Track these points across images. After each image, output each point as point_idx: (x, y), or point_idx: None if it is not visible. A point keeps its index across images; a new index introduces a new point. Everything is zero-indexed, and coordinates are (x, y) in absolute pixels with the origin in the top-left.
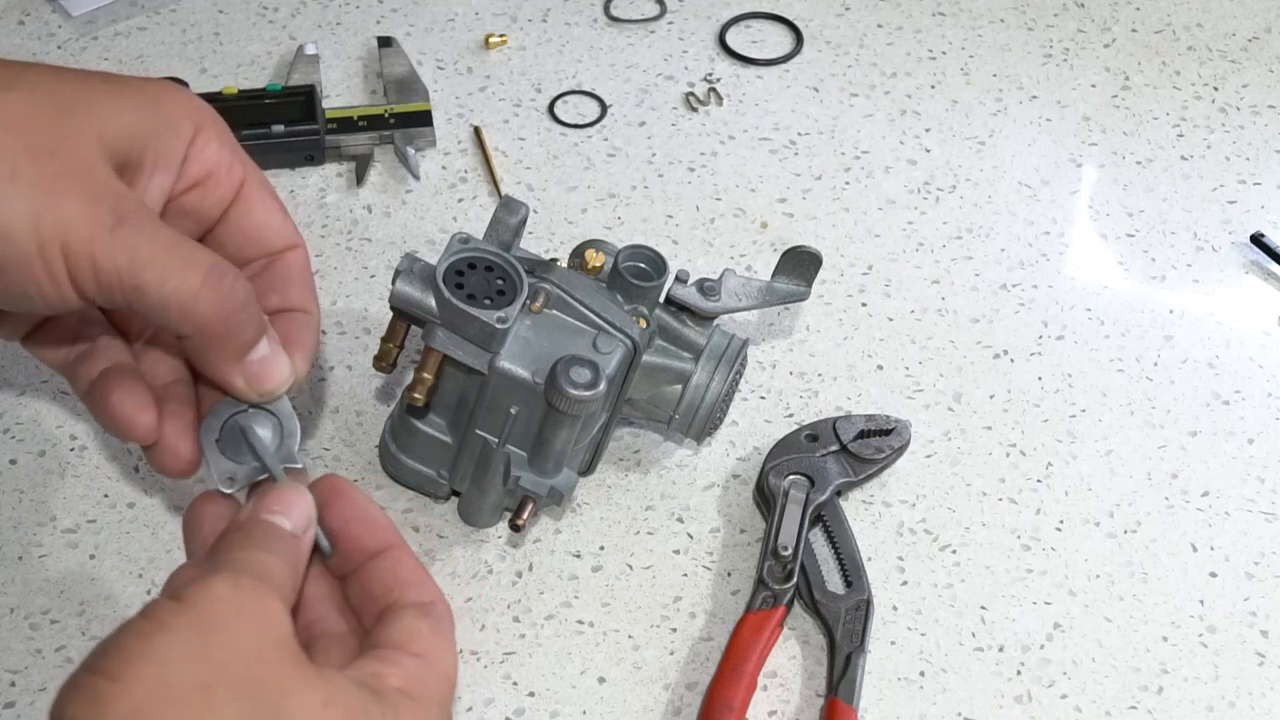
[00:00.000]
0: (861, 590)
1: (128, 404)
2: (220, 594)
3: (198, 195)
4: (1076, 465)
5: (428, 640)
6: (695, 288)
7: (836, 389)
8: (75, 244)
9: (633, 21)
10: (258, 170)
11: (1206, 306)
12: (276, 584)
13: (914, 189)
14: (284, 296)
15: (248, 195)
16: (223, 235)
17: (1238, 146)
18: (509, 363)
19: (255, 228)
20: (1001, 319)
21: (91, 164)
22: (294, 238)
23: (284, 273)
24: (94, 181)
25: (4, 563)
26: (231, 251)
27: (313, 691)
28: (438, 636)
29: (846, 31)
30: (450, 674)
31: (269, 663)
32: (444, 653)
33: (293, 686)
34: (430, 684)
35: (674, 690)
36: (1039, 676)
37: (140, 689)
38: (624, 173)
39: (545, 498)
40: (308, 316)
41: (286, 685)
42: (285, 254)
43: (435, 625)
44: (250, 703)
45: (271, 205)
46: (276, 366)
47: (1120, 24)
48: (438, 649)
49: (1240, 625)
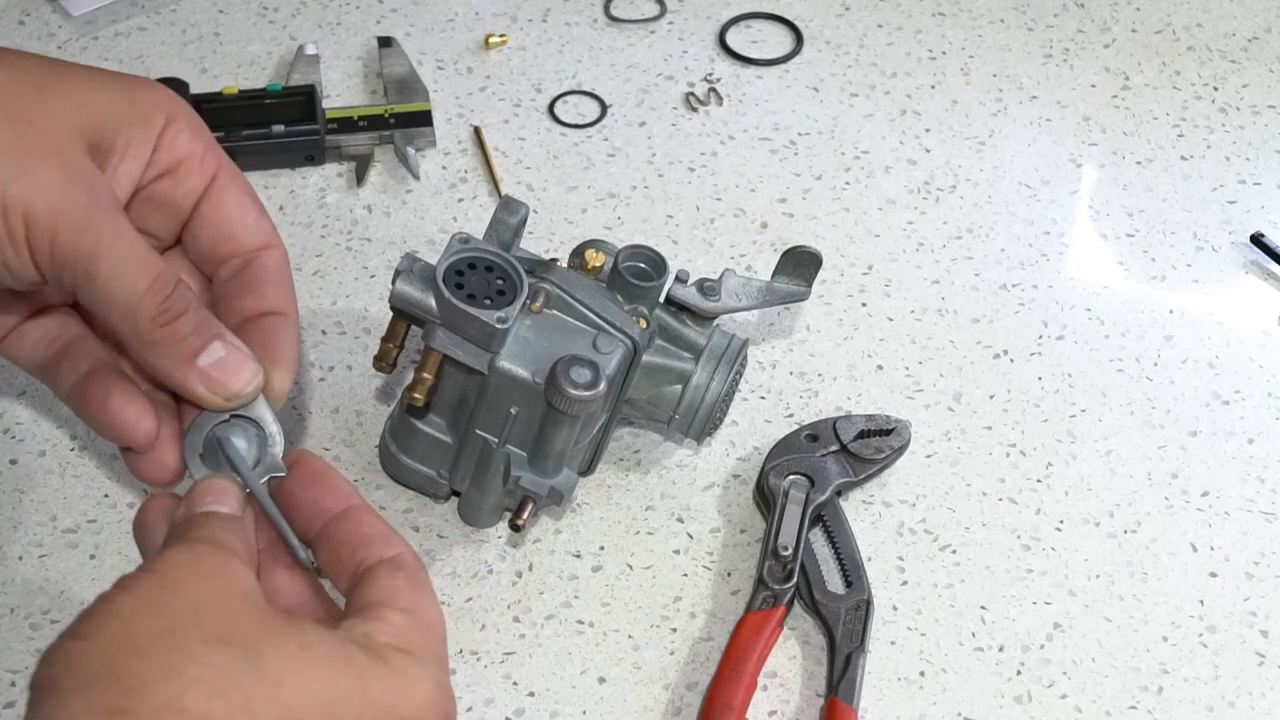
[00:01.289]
0: (861, 590)
1: (130, 409)
2: (178, 559)
3: (168, 184)
4: (1076, 465)
5: (409, 595)
6: (695, 288)
7: (836, 389)
8: (40, 214)
9: (633, 21)
10: (234, 167)
11: (1206, 306)
12: (232, 548)
13: (914, 189)
14: (259, 298)
15: (220, 189)
16: (195, 229)
17: (1238, 146)
18: (509, 363)
19: (227, 222)
20: (1001, 319)
21: (67, 142)
22: (269, 238)
23: (259, 273)
24: (68, 160)
25: (4, 563)
26: (204, 247)
27: (286, 638)
28: (417, 589)
29: (846, 31)
30: (438, 625)
31: (236, 614)
32: (427, 604)
33: (265, 632)
34: (422, 637)
35: (674, 690)
36: (1039, 676)
37: (106, 643)
38: (624, 173)
39: (545, 498)
40: (284, 319)
41: (259, 631)
42: (260, 254)
43: (410, 578)
44: (221, 647)
45: (245, 202)
46: (236, 370)
47: (1120, 24)
48: (420, 601)
49: (1240, 625)
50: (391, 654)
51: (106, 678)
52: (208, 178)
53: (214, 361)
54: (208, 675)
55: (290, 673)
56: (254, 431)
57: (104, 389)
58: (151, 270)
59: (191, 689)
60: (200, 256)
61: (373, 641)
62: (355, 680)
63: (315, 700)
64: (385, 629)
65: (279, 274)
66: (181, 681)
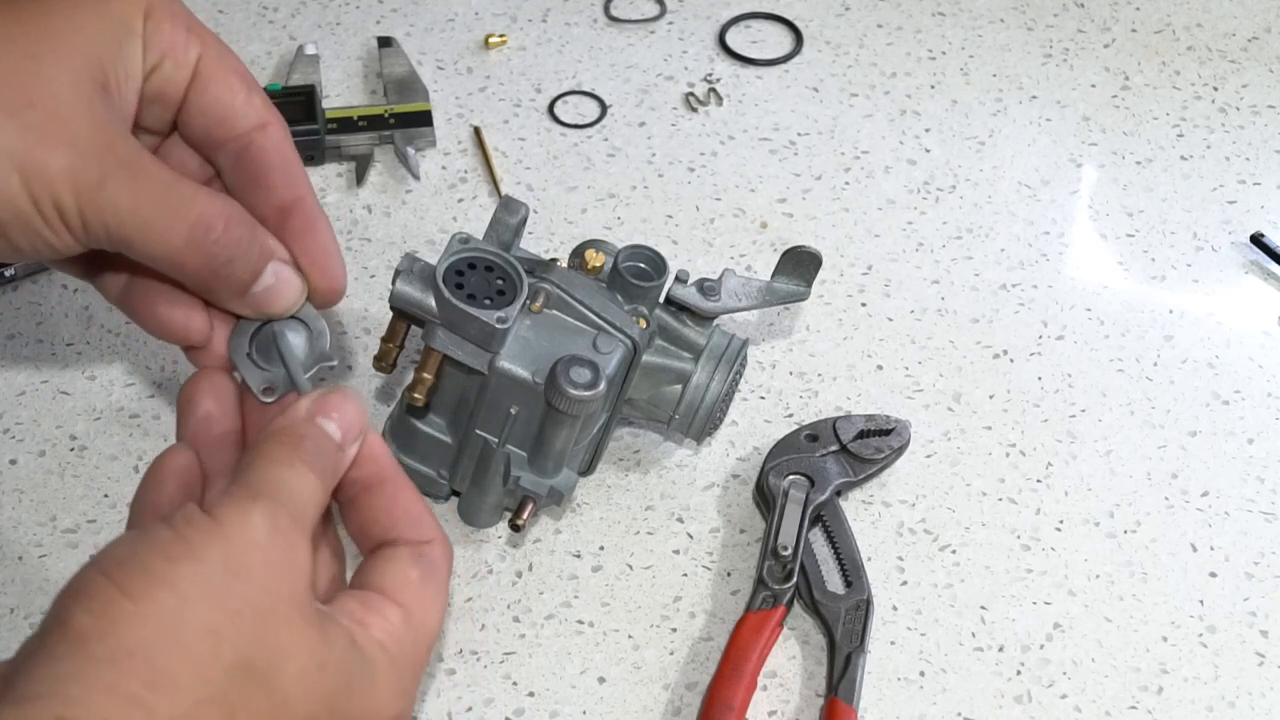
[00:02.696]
0: (861, 590)
1: (177, 312)
2: (256, 536)
3: (157, 80)
4: (1076, 465)
5: (415, 591)
6: (695, 288)
7: (836, 389)
8: (64, 200)
9: (633, 21)
10: (219, 46)
11: (1206, 306)
12: (309, 521)
13: (914, 189)
14: (269, 190)
15: (205, 74)
16: (187, 117)
17: (1238, 146)
18: (509, 363)
19: (216, 107)
20: (1001, 319)
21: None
22: (263, 115)
23: (259, 158)
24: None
25: (4, 563)
26: (198, 134)
27: (311, 654)
28: (426, 587)
29: (846, 31)
30: (432, 630)
31: (281, 621)
32: (430, 605)
33: (295, 650)
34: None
35: (674, 690)
36: (1039, 676)
37: (154, 620)
38: (624, 173)
39: (545, 498)
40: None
41: (289, 648)
42: (256, 136)
43: (426, 573)
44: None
45: (233, 83)
46: (284, 291)
47: (1120, 24)
48: (423, 602)
49: (1240, 625)
50: (375, 651)
51: (139, 660)
52: (191, 65)
53: (264, 289)
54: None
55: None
56: (301, 326)
57: (149, 297)
58: (185, 220)
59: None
60: (197, 144)
61: (364, 635)
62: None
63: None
64: (378, 622)
65: (282, 156)
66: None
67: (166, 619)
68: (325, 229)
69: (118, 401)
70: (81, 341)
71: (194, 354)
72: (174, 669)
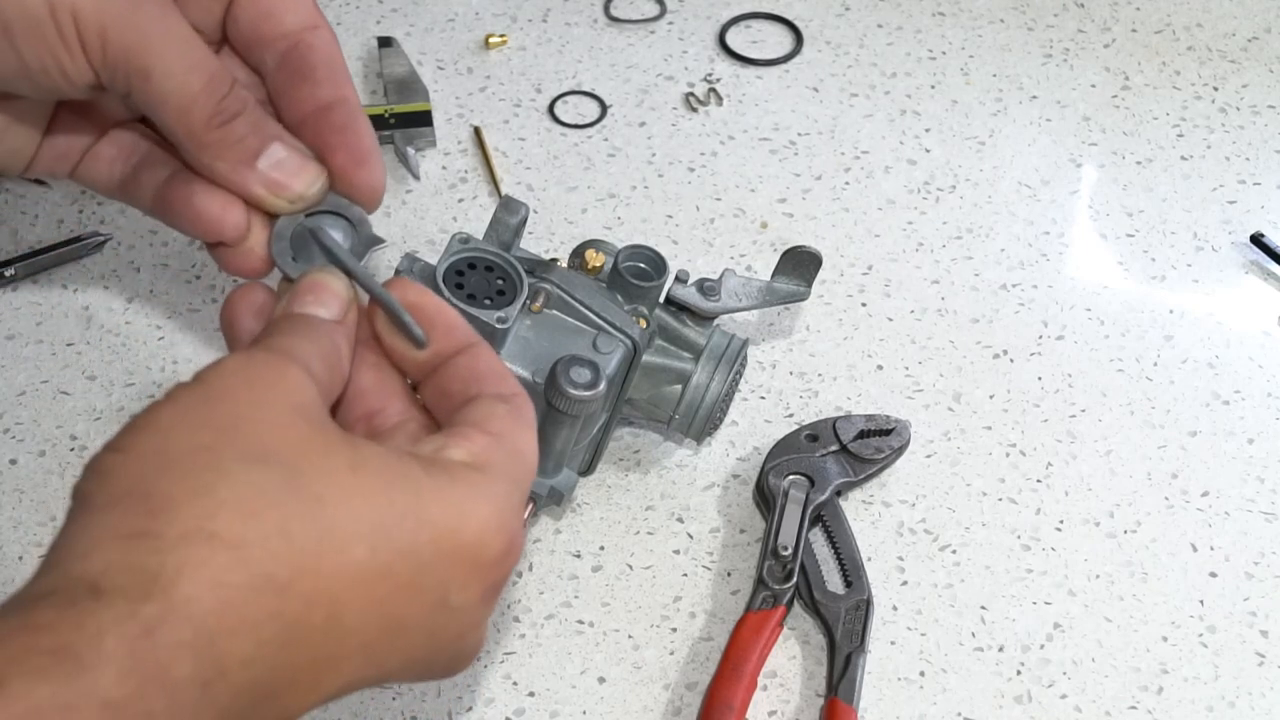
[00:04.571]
0: (861, 590)
1: (214, 203)
2: (229, 367)
3: None
4: (1076, 465)
5: (504, 422)
6: (695, 288)
7: (836, 389)
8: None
9: (633, 21)
10: None
11: (1206, 306)
12: (298, 357)
13: (914, 189)
14: (313, 85)
15: None
16: (235, 11)
17: (1238, 146)
18: (509, 363)
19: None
20: (1001, 319)
21: None
22: (314, 17)
23: (307, 55)
24: None
25: (4, 563)
26: (245, 30)
27: (336, 455)
28: (516, 420)
29: (846, 31)
30: (528, 456)
31: (283, 427)
32: (521, 435)
33: (310, 450)
34: (500, 459)
35: (674, 690)
36: (1039, 676)
37: (140, 458)
38: (624, 173)
39: (545, 498)
40: (345, 104)
41: (304, 448)
42: (305, 35)
43: (514, 411)
44: (260, 465)
45: None
46: (297, 171)
47: (1120, 24)
48: (514, 431)
49: (1240, 625)
50: (461, 470)
51: (136, 496)
52: None
53: (274, 163)
54: (242, 495)
55: (335, 492)
56: (342, 220)
57: (186, 189)
58: (205, 70)
59: (224, 511)
60: (244, 43)
61: (442, 457)
62: (411, 499)
63: (362, 522)
64: (463, 445)
65: (329, 55)
66: (213, 502)
67: (151, 454)
68: (367, 128)
69: (118, 401)
70: (81, 341)
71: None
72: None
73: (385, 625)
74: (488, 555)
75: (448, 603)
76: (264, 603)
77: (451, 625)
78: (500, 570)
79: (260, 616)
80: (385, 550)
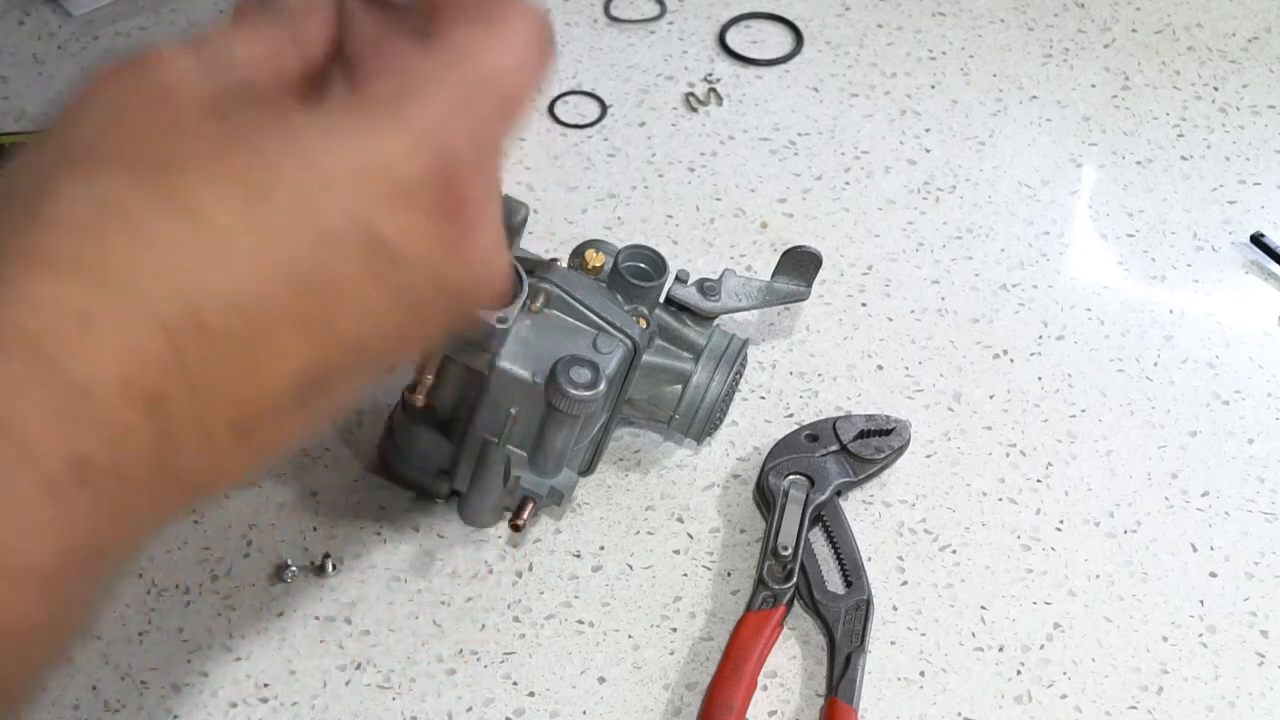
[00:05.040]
0: (861, 590)
1: None
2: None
3: None
4: (1076, 465)
5: (463, 30)
6: (695, 288)
7: (836, 389)
8: None
9: (633, 21)
10: None
11: (1206, 306)
12: (167, 52)
13: (914, 189)
14: None
15: None
16: None
17: (1238, 146)
18: (509, 363)
19: None
20: (1001, 319)
21: None
22: None
23: None
24: None
25: None
26: None
27: (202, 141)
28: (482, 26)
29: (846, 31)
30: (490, 65)
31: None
32: (486, 41)
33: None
34: (430, 70)
35: (674, 690)
36: (1039, 676)
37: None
38: (624, 173)
39: (545, 498)
40: None
41: (160, 145)
42: None
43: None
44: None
45: None
46: None
47: (1120, 24)
48: (471, 37)
49: (1240, 625)
50: (374, 101)
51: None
52: None
53: None
54: (78, 212)
55: (193, 179)
56: None
57: None
58: None
59: (50, 232)
60: None
61: (361, 94)
62: (291, 155)
63: (232, 198)
64: (394, 71)
65: None
66: (37, 226)
67: (18, 169)
68: None
69: None
70: None
71: None
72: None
73: (302, 290)
74: (406, 173)
75: (381, 243)
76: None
77: (406, 269)
78: (442, 191)
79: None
80: (264, 210)
